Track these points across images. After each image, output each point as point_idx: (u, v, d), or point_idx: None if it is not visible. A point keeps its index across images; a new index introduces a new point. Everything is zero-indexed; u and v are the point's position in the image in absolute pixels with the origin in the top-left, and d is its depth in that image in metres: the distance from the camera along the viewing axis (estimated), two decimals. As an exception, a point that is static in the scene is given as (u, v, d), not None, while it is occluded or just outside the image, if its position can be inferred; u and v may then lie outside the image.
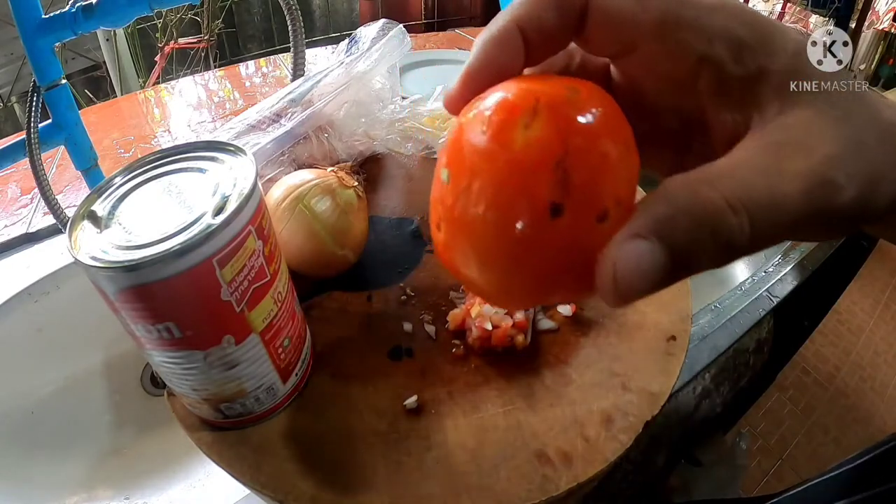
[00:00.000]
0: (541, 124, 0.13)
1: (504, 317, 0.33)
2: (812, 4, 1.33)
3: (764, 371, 0.63)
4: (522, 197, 0.13)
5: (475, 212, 0.14)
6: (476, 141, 0.14)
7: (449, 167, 0.14)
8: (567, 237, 0.13)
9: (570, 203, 0.13)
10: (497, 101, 0.14)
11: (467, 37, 1.08)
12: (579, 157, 0.13)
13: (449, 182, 0.14)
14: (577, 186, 0.13)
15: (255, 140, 0.41)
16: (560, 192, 0.13)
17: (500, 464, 0.27)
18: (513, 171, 0.13)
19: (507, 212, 0.13)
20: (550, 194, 0.13)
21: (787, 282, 0.59)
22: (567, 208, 0.13)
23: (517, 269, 0.14)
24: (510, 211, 0.13)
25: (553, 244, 0.13)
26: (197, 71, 1.38)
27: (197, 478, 0.48)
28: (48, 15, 0.40)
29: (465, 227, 0.14)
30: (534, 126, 0.13)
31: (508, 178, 0.13)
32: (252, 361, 0.26)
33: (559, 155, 0.13)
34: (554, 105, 0.13)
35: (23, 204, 0.58)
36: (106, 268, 0.21)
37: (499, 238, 0.13)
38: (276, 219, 0.34)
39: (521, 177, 0.13)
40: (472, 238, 0.14)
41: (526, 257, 0.14)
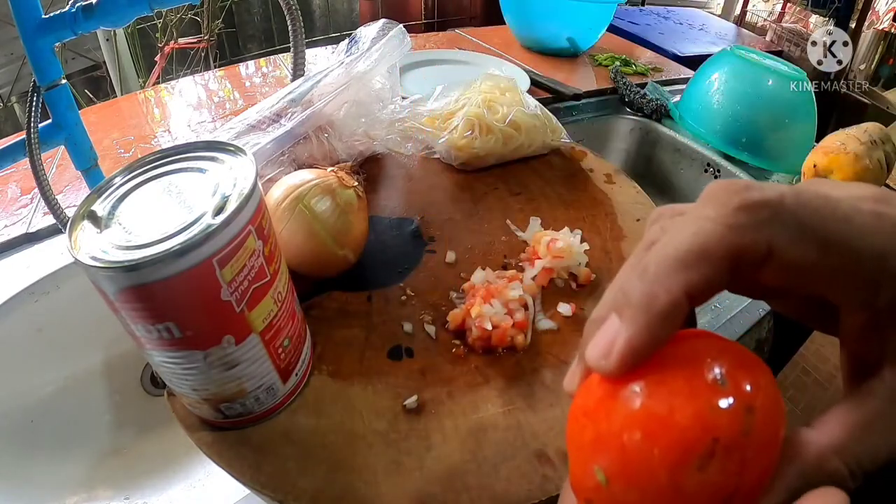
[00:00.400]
0: (717, 468, 0.12)
1: (504, 317, 0.33)
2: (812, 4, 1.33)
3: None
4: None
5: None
6: (643, 466, 0.13)
7: (607, 472, 0.13)
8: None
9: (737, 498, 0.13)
10: (671, 435, 0.13)
11: (467, 37, 1.08)
12: (745, 494, 0.13)
13: (606, 486, 0.13)
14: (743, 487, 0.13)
15: (255, 140, 0.41)
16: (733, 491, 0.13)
17: (500, 464, 0.27)
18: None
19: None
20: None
21: (787, 282, 0.59)
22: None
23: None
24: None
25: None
26: (197, 71, 1.38)
27: (197, 478, 0.48)
28: (48, 15, 0.40)
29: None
30: (709, 470, 0.12)
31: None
32: (252, 361, 0.26)
33: (729, 494, 0.13)
34: (731, 446, 0.12)
35: (23, 204, 0.58)
36: (106, 268, 0.21)
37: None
38: (276, 219, 0.34)
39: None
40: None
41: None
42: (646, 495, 0.13)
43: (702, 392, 0.13)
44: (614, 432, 0.13)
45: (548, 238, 0.39)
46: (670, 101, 0.87)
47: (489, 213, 0.44)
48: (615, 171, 0.49)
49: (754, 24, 1.71)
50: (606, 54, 1.04)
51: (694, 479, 0.12)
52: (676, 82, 0.99)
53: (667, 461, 0.12)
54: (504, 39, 1.07)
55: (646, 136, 0.87)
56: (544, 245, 0.38)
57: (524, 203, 0.45)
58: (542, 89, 0.85)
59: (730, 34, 1.46)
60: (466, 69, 0.87)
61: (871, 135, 0.63)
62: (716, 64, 0.81)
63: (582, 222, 0.42)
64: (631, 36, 1.24)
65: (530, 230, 0.41)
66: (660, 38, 1.24)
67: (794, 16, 1.51)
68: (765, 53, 0.81)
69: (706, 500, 0.12)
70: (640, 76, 0.99)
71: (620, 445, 0.13)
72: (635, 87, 0.89)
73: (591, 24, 0.99)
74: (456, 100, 0.54)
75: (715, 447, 0.12)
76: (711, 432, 0.12)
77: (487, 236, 0.41)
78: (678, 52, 1.17)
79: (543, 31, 1.00)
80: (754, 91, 0.75)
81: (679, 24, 1.43)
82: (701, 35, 1.37)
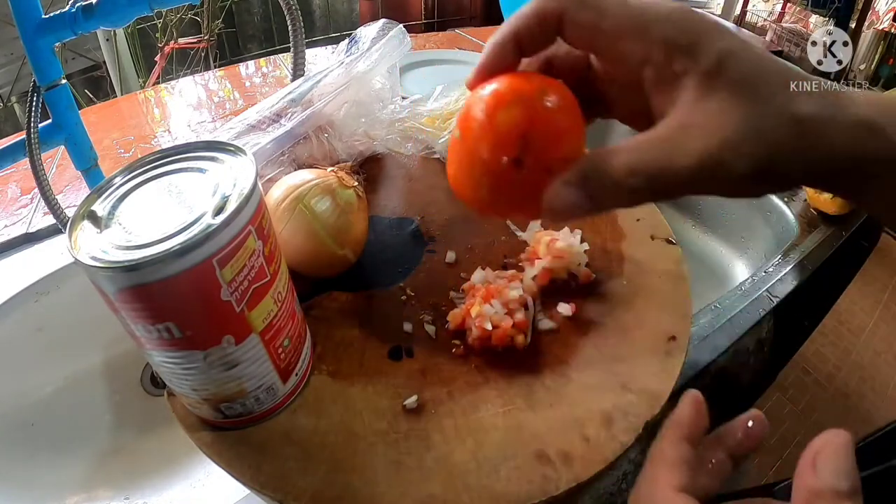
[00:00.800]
0: (516, 111, 0.21)
1: (504, 317, 0.33)
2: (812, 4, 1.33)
3: (764, 371, 0.63)
4: (500, 153, 0.21)
5: (473, 157, 0.22)
6: (477, 115, 0.21)
7: (459, 128, 0.22)
8: (526, 181, 0.21)
9: (528, 160, 0.21)
10: (492, 90, 0.22)
11: (467, 37, 1.08)
12: (537, 134, 0.21)
13: (459, 137, 0.22)
14: (532, 151, 0.21)
15: (255, 140, 0.41)
16: (522, 152, 0.21)
17: (500, 464, 0.27)
18: (496, 136, 0.21)
19: (492, 160, 0.21)
20: (516, 153, 0.21)
21: (787, 282, 0.59)
22: (525, 163, 0.21)
23: (496, 193, 0.23)
24: (493, 160, 0.21)
25: (516, 184, 0.22)
26: (197, 71, 1.38)
27: (197, 478, 0.48)
28: (48, 15, 0.40)
29: (467, 165, 0.23)
30: (511, 111, 0.21)
31: (494, 140, 0.21)
32: (252, 361, 0.26)
33: (524, 130, 0.21)
34: (526, 99, 0.21)
35: (23, 204, 0.58)
36: (106, 268, 0.21)
37: (487, 174, 0.22)
38: (276, 219, 0.34)
39: (501, 141, 0.21)
40: (471, 173, 0.23)
41: (501, 187, 0.22)
42: (479, 137, 0.21)
43: (519, 78, 0.22)
44: (466, 110, 0.22)
45: (548, 238, 0.39)
46: (670, 101, 0.87)
47: (489, 213, 0.44)
48: (615, 171, 0.49)
49: (754, 24, 1.71)
50: (606, 54, 1.04)
51: (503, 116, 0.21)
52: (676, 82, 0.99)
53: (489, 107, 0.21)
54: (504, 39, 1.06)
55: (646, 136, 0.87)
56: (544, 245, 0.38)
57: (524, 203, 0.45)
58: (542, 89, 0.85)
59: (730, 34, 1.46)
60: (466, 69, 0.87)
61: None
62: (716, 64, 0.81)
63: (582, 222, 0.42)
64: (631, 36, 1.24)
65: (530, 230, 0.41)
66: (660, 38, 1.24)
67: (794, 16, 1.51)
68: (765, 53, 0.81)
69: (511, 134, 0.21)
70: (640, 76, 0.99)
71: (467, 112, 0.22)
72: (635, 87, 0.89)
73: (591, 24, 0.99)
74: (456, 100, 0.54)
75: (516, 98, 0.21)
76: (517, 91, 0.22)
77: (487, 236, 0.41)
78: (678, 52, 1.16)
79: (543, 31, 1.00)
80: (754, 91, 0.75)
81: (679, 24, 1.42)
82: (701, 35, 1.37)
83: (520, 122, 0.21)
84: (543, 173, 0.22)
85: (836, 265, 0.66)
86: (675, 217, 0.85)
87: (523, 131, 0.21)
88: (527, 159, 0.21)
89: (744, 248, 0.79)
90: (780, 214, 0.72)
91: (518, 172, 0.22)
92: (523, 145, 0.21)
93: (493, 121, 0.21)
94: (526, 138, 0.21)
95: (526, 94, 0.22)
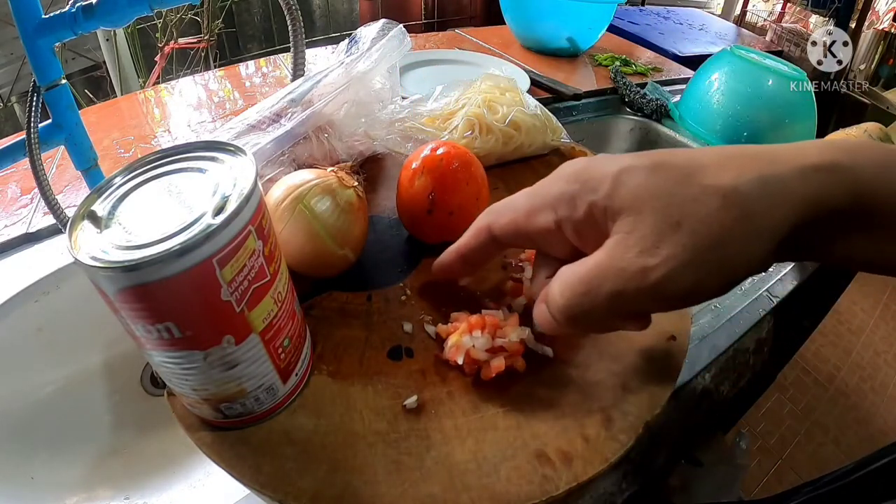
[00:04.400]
0: (423, 178, 0.38)
1: (483, 353, 0.31)
2: (812, 4, 1.33)
3: (764, 371, 0.63)
4: (419, 205, 0.38)
5: (405, 206, 0.40)
6: (406, 179, 0.39)
7: (399, 182, 0.40)
8: (437, 221, 0.38)
9: (436, 209, 0.38)
10: (409, 163, 0.39)
11: (467, 37, 1.08)
12: (439, 192, 0.37)
13: (398, 192, 0.40)
14: (437, 203, 0.37)
15: (255, 140, 0.41)
16: (430, 205, 0.37)
17: (500, 464, 0.27)
18: (414, 194, 0.38)
19: (416, 208, 0.38)
20: (427, 206, 0.38)
21: (787, 282, 0.59)
22: (434, 211, 0.38)
23: (423, 229, 0.40)
24: (416, 209, 0.38)
25: (432, 223, 0.38)
26: (197, 71, 1.38)
27: (197, 478, 0.48)
28: (48, 15, 0.40)
29: (401, 210, 0.41)
30: (421, 179, 0.38)
31: (413, 197, 0.38)
32: (252, 361, 0.26)
33: (431, 190, 0.37)
34: (431, 169, 0.38)
35: (23, 204, 0.58)
36: (106, 268, 0.21)
37: (414, 217, 0.39)
38: (276, 219, 0.34)
39: (417, 197, 0.38)
40: (404, 214, 0.41)
41: (424, 225, 0.39)
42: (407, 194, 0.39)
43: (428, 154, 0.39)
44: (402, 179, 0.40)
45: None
46: (670, 100, 0.87)
47: (489, 213, 0.44)
48: (615, 171, 0.49)
49: (754, 24, 1.71)
50: (606, 54, 1.05)
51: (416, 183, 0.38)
52: (676, 82, 1.00)
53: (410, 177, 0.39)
54: (504, 39, 1.07)
55: (646, 136, 0.87)
56: (544, 245, 0.38)
57: (524, 203, 0.45)
58: (542, 89, 0.85)
59: (730, 34, 1.46)
60: (466, 69, 0.87)
61: (870, 135, 0.63)
62: (716, 64, 0.81)
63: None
64: (631, 36, 1.24)
65: (530, 230, 0.41)
66: (660, 38, 1.24)
67: (794, 16, 1.51)
68: (765, 53, 0.81)
69: (422, 193, 0.38)
70: (640, 76, 0.99)
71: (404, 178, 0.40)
72: (635, 86, 0.89)
73: (591, 23, 0.99)
74: (456, 100, 0.54)
75: (423, 170, 0.38)
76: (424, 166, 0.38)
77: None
78: (678, 52, 1.17)
79: (543, 31, 1.00)
80: (754, 91, 0.75)
81: (679, 24, 1.43)
82: (701, 35, 1.37)
83: (427, 186, 0.37)
84: (447, 217, 0.38)
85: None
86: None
87: (430, 191, 0.37)
88: (434, 209, 0.37)
89: (744, 248, 0.78)
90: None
91: (431, 217, 0.38)
92: (431, 200, 0.37)
93: (413, 185, 0.38)
94: (433, 196, 0.37)
95: (431, 167, 0.37)
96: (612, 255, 0.22)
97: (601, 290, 0.22)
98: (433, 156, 0.37)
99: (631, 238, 0.21)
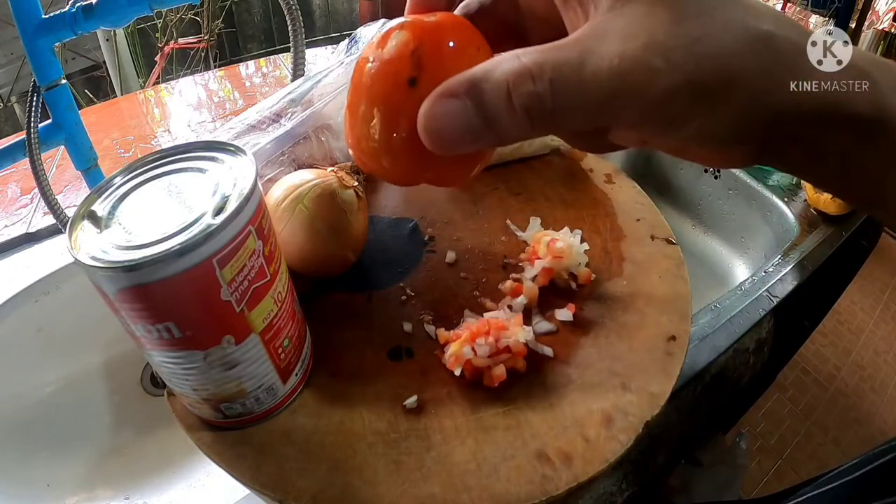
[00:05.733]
0: (403, 34, 0.20)
1: (486, 360, 0.31)
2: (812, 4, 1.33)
3: (764, 371, 0.63)
4: (393, 75, 0.19)
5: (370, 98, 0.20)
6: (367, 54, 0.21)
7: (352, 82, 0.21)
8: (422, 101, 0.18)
9: (423, 77, 0.19)
10: (386, 28, 0.21)
11: (467, 37, 1.08)
12: (427, 49, 0.19)
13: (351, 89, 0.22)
14: (426, 66, 0.19)
15: (255, 140, 0.41)
16: (416, 70, 0.19)
17: (500, 464, 0.27)
18: (388, 61, 0.20)
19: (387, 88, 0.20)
20: (410, 72, 0.19)
21: (787, 282, 0.59)
22: (420, 80, 0.19)
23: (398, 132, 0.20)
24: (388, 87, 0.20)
25: (414, 107, 0.18)
26: (197, 71, 1.38)
27: (197, 478, 0.48)
28: (48, 15, 0.40)
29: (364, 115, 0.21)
30: (399, 35, 0.20)
31: (385, 65, 0.20)
32: (252, 361, 0.26)
33: (414, 47, 0.19)
34: (413, 24, 0.20)
35: (23, 204, 0.58)
36: (106, 268, 0.21)
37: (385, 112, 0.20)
38: (276, 219, 0.34)
39: (392, 64, 0.20)
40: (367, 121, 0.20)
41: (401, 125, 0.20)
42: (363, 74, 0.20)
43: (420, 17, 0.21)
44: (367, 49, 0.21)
45: (548, 238, 0.39)
46: (670, 101, 0.86)
47: (489, 213, 0.44)
48: (615, 170, 0.49)
49: (754, 24, 1.71)
50: (606, 54, 1.04)
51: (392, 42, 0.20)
52: (676, 82, 0.99)
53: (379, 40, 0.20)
54: (504, 39, 1.06)
55: (646, 136, 0.87)
56: (544, 245, 0.38)
57: (524, 203, 0.45)
58: (542, 89, 0.85)
59: (730, 34, 1.46)
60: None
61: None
62: (716, 64, 0.81)
63: (582, 222, 0.42)
64: (631, 36, 1.24)
65: (530, 230, 0.41)
66: (660, 38, 1.24)
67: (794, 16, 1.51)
68: (765, 53, 0.81)
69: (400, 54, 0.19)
70: (640, 76, 0.99)
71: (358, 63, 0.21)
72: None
73: (591, 24, 0.99)
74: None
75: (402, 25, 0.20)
76: (406, 22, 0.20)
77: (487, 236, 0.41)
78: (678, 52, 1.16)
79: (543, 31, 1.00)
80: (754, 91, 0.75)
81: (679, 24, 1.42)
82: (701, 35, 1.37)
83: (408, 41, 0.20)
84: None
85: (836, 265, 0.66)
86: (675, 217, 0.85)
87: (412, 49, 0.19)
88: (421, 76, 0.19)
89: (744, 248, 0.79)
90: (780, 214, 0.72)
91: (414, 93, 0.19)
92: (415, 63, 0.19)
93: (383, 49, 0.20)
94: (417, 55, 0.19)
95: (414, 21, 0.21)
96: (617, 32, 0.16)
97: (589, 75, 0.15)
98: (418, 19, 0.21)
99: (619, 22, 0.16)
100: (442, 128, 0.17)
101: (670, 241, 0.41)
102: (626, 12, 0.16)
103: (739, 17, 0.16)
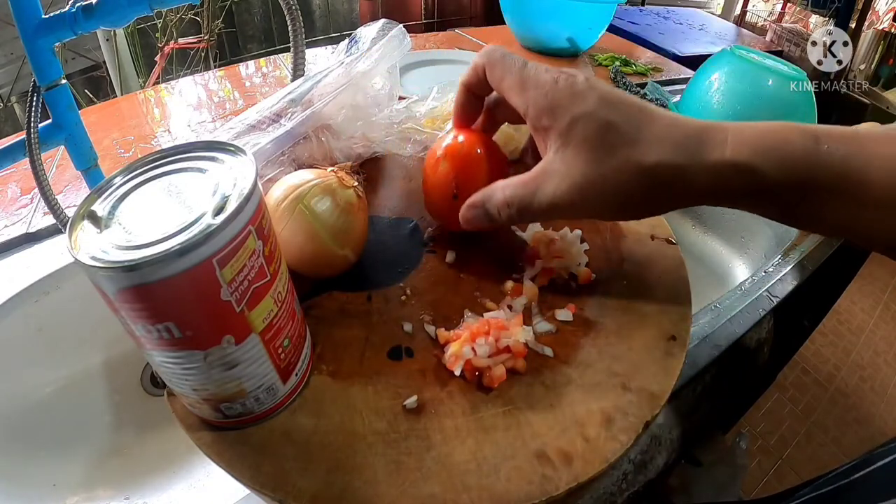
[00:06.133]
0: (445, 165, 0.37)
1: (487, 360, 0.31)
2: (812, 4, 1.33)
3: (764, 371, 0.63)
4: (444, 190, 0.37)
5: (431, 193, 0.39)
6: (430, 168, 0.38)
7: (424, 172, 0.39)
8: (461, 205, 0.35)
9: (460, 194, 0.36)
10: (433, 152, 0.38)
11: (467, 37, 1.08)
12: (462, 179, 0.36)
13: (424, 179, 0.39)
14: (461, 188, 0.36)
15: (255, 140, 0.41)
16: (455, 190, 0.36)
17: (500, 464, 0.27)
18: (439, 180, 0.37)
19: (442, 194, 0.38)
20: (452, 191, 0.36)
21: (787, 282, 0.59)
22: (459, 196, 0.36)
23: (449, 216, 0.37)
24: (442, 194, 0.37)
25: (457, 208, 0.35)
26: (197, 71, 1.38)
27: (197, 478, 0.48)
28: (48, 15, 0.40)
29: (429, 197, 0.40)
30: (442, 164, 0.37)
31: (439, 183, 0.37)
32: (252, 361, 0.26)
33: (454, 176, 0.36)
34: (450, 155, 0.37)
35: (23, 204, 0.58)
36: (106, 268, 0.21)
37: (441, 202, 0.38)
38: (276, 219, 0.34)
39: (442, 183, 0.37)
40: (433, 200, 0.40)
41: (450, 210, 0.36)
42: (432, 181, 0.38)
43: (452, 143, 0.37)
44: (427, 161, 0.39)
45: (548, 238, 0.39)
46: (670, 100, 0.87)
47: (489, 213, 0.44)
48: (615, 171, 0.49)
49: (754, 24, 1.71)
50: (606, 54, 1.05)
51: (440, 169, 0.37)
52: (676, 82, 1.00)
53: (432, 164, 0.38)
54: (504, 39, 1.07)
55: (646, 136, 0.87)
56: (544, 245, 0.38)
57: (524, 203, 0.45)
58: (542, 89, 0.85)
59: (730, 34, 1.46)
60: (466, 69, 0.87)
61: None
62: (716, 64, 0.81)
63: (582, 222, 0.42)
64: (631, 36, 1.24)
65: (530, 230, 0.41)
66: (660, 38, 1.24)
67: (794, 16, 1.51)
68: (765, 53, 0.81)
69: (446, 179, 0.37)
70: (640, 76, 0.99)
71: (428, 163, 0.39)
72: (635, 86, 0.89)
73: (591, 23, 0.99)
74: (451, 100, 0.53)
75: (444, 155, 0.37)
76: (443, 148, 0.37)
77: (487, 236, 0.41)
78: (678, 52, 1.16)
79: (543, 31, 1.00)
80: (754, 91, 0.75)
81: (679, 24, 1.43)
82: (701, 35, 1.37)
83: (449, 172, 0.36)
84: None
85: (836, 265, 0.66)
86: (675, 217, 0.85)
87: (453, 177, 0.36)
88: (459, 194, 0.36)
89: (744, 248, 0.79)
90: (780, 214, 0.71)
91: (456, 202, 0.36)
92: (455, 186, 0.36)
93: (436, 172, 0.37)
94: (455, 182, 0.36)
95: (451, 151, 0.37)
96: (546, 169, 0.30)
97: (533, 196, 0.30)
98: (454, 143, 0.37)
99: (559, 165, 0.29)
100: (469, 220, 0.34)
101: (670, 241, 0.41)
102: (565, 156, 0.28)
103: (635, 157, 0.27)
